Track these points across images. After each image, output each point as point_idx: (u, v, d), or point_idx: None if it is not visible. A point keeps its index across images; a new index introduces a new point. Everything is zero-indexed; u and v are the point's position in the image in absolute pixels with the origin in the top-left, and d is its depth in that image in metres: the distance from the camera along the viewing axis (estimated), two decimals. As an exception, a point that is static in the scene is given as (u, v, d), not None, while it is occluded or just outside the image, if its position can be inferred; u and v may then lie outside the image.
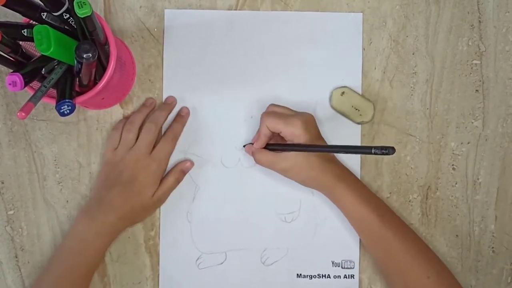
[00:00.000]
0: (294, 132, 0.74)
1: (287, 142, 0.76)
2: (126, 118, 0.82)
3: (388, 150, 0.61)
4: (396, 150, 0.80)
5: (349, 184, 0.76)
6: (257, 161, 0.78)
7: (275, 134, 0.78)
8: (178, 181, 0.81)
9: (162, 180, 0.80)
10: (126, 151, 0.78)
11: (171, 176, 0.81)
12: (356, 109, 0.81)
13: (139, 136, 0.79)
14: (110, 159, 0.80)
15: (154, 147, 0.79)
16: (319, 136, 0.78)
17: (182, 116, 0.82)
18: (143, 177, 0.77)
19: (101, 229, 0.76)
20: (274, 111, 0.79)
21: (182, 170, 0.82)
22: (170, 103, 0.82)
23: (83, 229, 0.76)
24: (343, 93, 0.81)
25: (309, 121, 0.76)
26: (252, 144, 0.80)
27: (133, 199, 0.77)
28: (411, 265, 0.73)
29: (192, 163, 0.82)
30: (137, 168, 0.77)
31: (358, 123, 0.82)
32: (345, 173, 0.78)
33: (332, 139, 0.82)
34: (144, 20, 0.83)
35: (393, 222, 0.76)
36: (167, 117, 0.82)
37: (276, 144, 0.78)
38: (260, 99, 0.83)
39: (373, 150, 0.62)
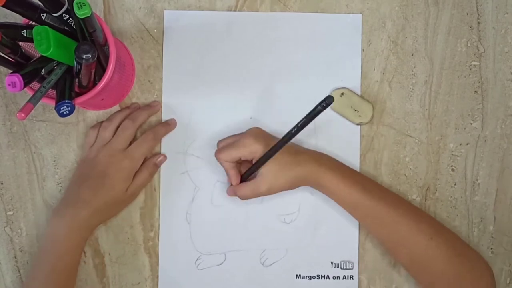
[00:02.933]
0: (250, 150, 0.75)
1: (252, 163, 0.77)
2: (105, 121, 0.82)
3: (327, 99, 0.62)
4: (396, 151, 0.81)
5: (329, 166, 0.76)
6: (243, 198, 0.78)
7: (241, 163, 0.79)
8: (151, 175, 0.81)
9: (135, 175, 0.79)
10: (101, 147, 0.78)
11: (144, 170, 0.80)
12: (355, 110, 0.81)
13: (116, 133, 0.79)
14: (84, 156, 0.80)
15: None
16: (272, 139, 0.78)
17: (168, 124, 0.82)
18: (114, 172, 0.76)
19: (72, 226, 0.74)
20: (222, 146, 0.79)
21: (155, 163, 0.81)
22: (154, 106, 0.82)
23: (54, 230, 0.74)
24: (342, 94, 0.81)
25: (256, 134, 0.77)
26: (230, 186, 0.80)
27: (105, 194, 0.76)
28: (411, 231, 0.73)
29: (165, 157, 0.82)
30: (109, 163, 0.76)
31: (357, 124, 0.82)
32: (320, 158, 0.78)
33: (331, 140, 0.82)
34: (144, 21, 0.83)
35: (382, 194, 0.76)
36: (147, 118, 0.81)
37: (246, 171, 0.78)
38: (259, 100, 0.83)
39: (316, 109, 0.64)
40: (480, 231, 0.83)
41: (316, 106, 0.63)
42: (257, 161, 0.74)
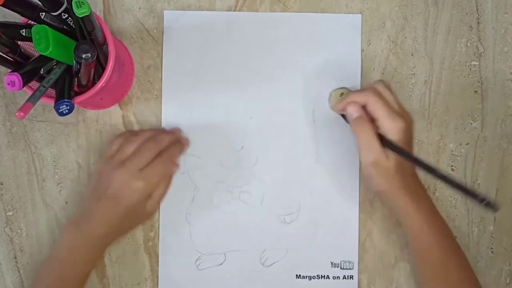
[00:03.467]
0: (391, 130, 0.70)
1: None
2: (134, 132, 0.81)
3: (492, 207, 0.62)
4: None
5: (421, 205, 0.73)
6: (357, 129, 0.73)
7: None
8: (167, 186, 0.78)
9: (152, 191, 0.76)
10: (118, 164, 0.74)
11: (161, 185, 0.77)
12: None
13: (136, 152, 0.75)
14: (102, 168, 0.77)
15: None
16: (411, 143, 0.74)
17: (182, 144, 0.81)
18: (128, 195, 0.73)
19: (90, 241, 0.74)
20: (382, 95, 0.73)
21: (169, 174, 0.79)
22: (177, 132, 0.81)
23: (72, 240, 0.74)
24: (342, 94, 0.81)
25: (409, 127, 0.72)
26: (357, 104, 0.74)
27: (121, 214, 0.74)
28: None
29: (178, 166, 0.80)
30: (122, 185, 0.73)
31: None
32: (421, 192, 0.75)
33: (331, 140, 0.82)
34: (143, 21, 0.83)
35: (457, 258, 0.75)
36: (170, 143, 0.78)
37: (390, 143, 0.71)
38: (259, 100, 0.83)
39: (478, 198, 0.64)
40: (480, 231, 0.82)
41: (481, 198, 0.63)
42: (403, 153, 0.71)
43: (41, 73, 0.66)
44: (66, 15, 0.64)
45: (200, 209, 0.82)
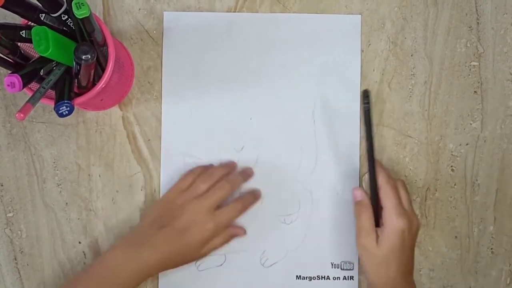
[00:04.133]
0: (392, 223, 0.73)
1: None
2: (205, 168, 0.81)
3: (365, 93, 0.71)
4: (396, 152, 0.81)
5: None
6: (357, 214, 0.77)
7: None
8: (225, 242, 0.79)
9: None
10: (191, 199, 0.75)
11: (222, 237, 0.78)
12: None
13: (210, 190, 0.76)
14: (171, 199, 0.77)
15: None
16: (410, 245, 0.75)
17: (256, 195, 0.81)
18: (196, 232, 0.74)
19: (139, 268, 0.72)
20: (396, 189, 0.77)
21: (233, 235, 0.80)
22: (249, 174, 0.82)
23: (120, 263, 0.72)
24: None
25: (411, 230, 0.75)
26: (365, 192, 0.79)
27: (180, 249, 0.74)
28: None
29: (245, 232, 0.81)
30: (194, 221, 0.74)
31: None
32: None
33: (331, 141, 0.82)
34: (143, 23, 0.83)
35: None
36: (242, 184, 0.80)
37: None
38: (259, 101, 0.83)
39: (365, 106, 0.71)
40: (480, 231, 0.82)
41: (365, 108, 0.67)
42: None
43: (41, 74, 0.66)
44: (66, 17, 0.64)
45: (200, 210, 0.82)
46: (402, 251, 0.73)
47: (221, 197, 0.76)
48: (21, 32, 0.62)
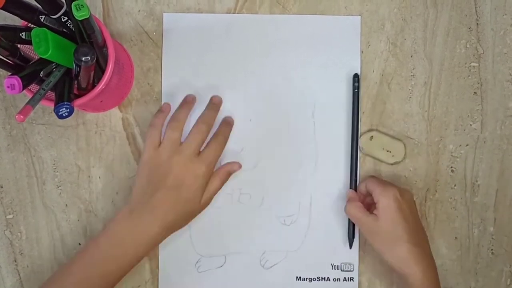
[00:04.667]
0: (385, 197, 0.73)
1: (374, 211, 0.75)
2: (163, 113, 0.78)
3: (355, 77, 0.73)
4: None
5: (426, 275, 0.71)
6: (347, 211, 0.78)
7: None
8: (223, 183, 0.78)
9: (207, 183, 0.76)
10: (172, 151, 0.73)
11: (218, 179, 0.77)
12: (388, 151, 0.81)
13: (189, 136, 0.75)
14: (151, 159, 0.74)
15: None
16: (413, 216, 0.75)
17: (229, 122, 0.81)
18: (191, 182, 0.73)
19: (142, 238, 0.71)
20: (378, 177, 0.79)
21: (228, 171, 0.79)
22: (217, 103, 0.80)
23: (122, 234, 0.71)
24: (371, 137, 0.81)
25: (405, 196, 0.74)
26: (355, 192, 0.80)
27: (180, 206, 0.73)
28: None
29: (240, 166, 0.80)
30: (185, 172, 0.73)
31: (392, 164, 0.82)
32: (430, 265, 0.73)
33: (330, 142, 0.82)
34: (143, 24, 0.83)
35: None
36: (216, 116, 0.79)
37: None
38: (259, 102, 0.83)
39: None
40: (480, 232, 0.82)
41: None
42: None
43: (41, 76, 0.66)
44: (66, 18, 0.64)
45: (200, 211, 0.82)
46: (405, 219, 0.72)
47: (202, 139, 0.75)
48: (21, 34, 0.63)
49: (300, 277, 0.82)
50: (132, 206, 0.73)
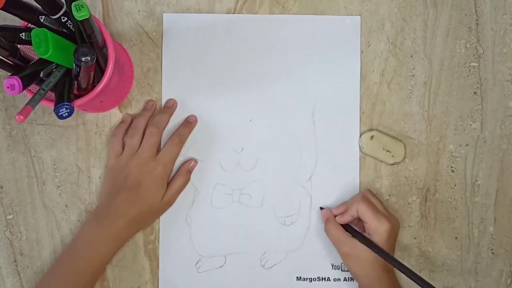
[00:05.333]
0: (378, 232, 0.74)
1: (364, 233, 0.77)
2: (124, 123, 0.82)
3: None
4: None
5: None
6: (327, 231, 0.79)
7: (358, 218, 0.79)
8: (186, 181, 0.81)
9: (169, 182, 0.80)
10: (130, 156, 0.78)
11: (179, 177, 0.80)
12: (388, 151, 0.81)
13: (143, 141, 0.78)
14: (114, 165, 0.80)
15: (158, 151, 0.79)
16: (394, 244, 0.78)
17: (190, 123, 0.82)
18: (148, 182, 0.77)
19: (109, 234, 0.75)
20: (370, 200, 0.78)
21: (188, 170, 0.81)
22: (170, 106, 0.82)
23: (90, 234, 0.76)
24: (372, 137, 0.81)
25: (395, 229, 0.76)
26: (330, 211, 0.80)
27: (140, 204, 0.76)
28: None
29: (196, 162, 0.82)
30: (142, 173, 0.77)
31: (392, 164, 0.82)
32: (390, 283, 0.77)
33: (330, 142, 0.82)
34: (143, 24, 0.83)
35: None
36: (168, 120, 0.81)
37: (355, 231, 0.78)
38: (258, 102, 0.83)
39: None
40: (480, 232, 0.82)
41: None
42: (367, 241, 0.75)
43: (41, 76, 0.65)
44: (66, 18, 0.64)
45: (200, 212, 0.82)
46: (390, 249, 0.75)
47: (154, 142, 0.79)
48: (20, 34, 0.62)
49: (300, 277, 0.82)
50: (98, 210, 0.79)
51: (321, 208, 0.82)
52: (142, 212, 0.77)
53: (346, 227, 0.78)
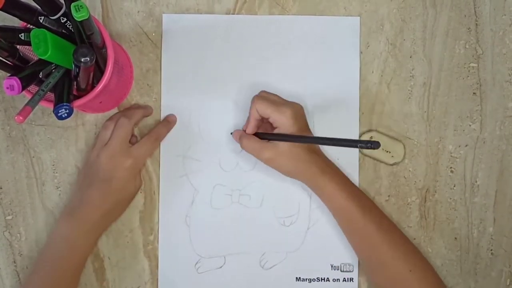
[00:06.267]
0: (283, 121, 0.74)
1: (274, 130, 0.76)
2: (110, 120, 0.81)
3: (373, 145, 0.62)
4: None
5: (333, 176, 0.76)
6: (244, 147, 0.78)
7: (264, 122, 0.79)
8: (151, 149, 0.81)
9: (133, 147, 0.78)
10: (100, 149, 0.77)
11: (143, 144, 0.79)
12: (387, 151, 0.82)
13: (113, 132, 0.77)
14: (87, 158, 0.80)
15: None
16: (306, 127, 0.78)
17: (168, 122, 0.82)
18: (120, 174, 0.76)
19: (84, 228, 0.75)
20: (265, 97, 0.78)
21: (156, 137, 0.81)
22: (148, 108, 0.82)
23: (65, 229, 0.74)
24: (371, 137, 0.81)
25: (298, 111, 0.77)
26: (241, 130, 0.80)
27: (114, 195, 0.76)
28: (394, 258, 0.73)
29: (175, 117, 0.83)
30: (113, 165, 0.76)
31: (391, 165, 0.83)
32: (329, 165, 0.78)
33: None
34: (142, 25, 0.83)
35: (375, 215, 0.76)
36: (142, 116, 0.81)
37: (265, 134, 0.78)
38: (258, 103, 0.83)
39: (358, 144, 0.65)
40: (480, 232, 0.82)
41: (361, 144, 0.64)
42: (281, 136, 0.75)
43: (40, 77, 0.66)
44: (65, 19, 0.64)
45: (199, 212, 0.82)
46: (301, 132, 0.76)
47: (124, 133, 0.77)
48: (20, 35, 0.63)
49: (299, 277, 0.82)
50: (72, 204, 0.77)
51: (231, 133, 0.83)
52: (115, 204, 0.77)
53: (259, 135, 0.78)
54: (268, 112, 0.75)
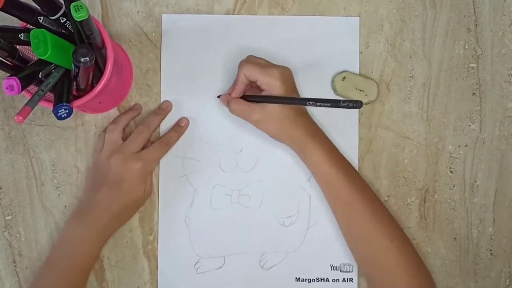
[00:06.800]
0: (271, 82, 0.75)
1: (262, 93, 0.77)
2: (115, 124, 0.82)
3: (356, 104, 0.65)
4: (395, 153, 0.81)
5: (320, 140, 0.77)
6: (232, 111, 0.78)
7: (252, 85, 0.79)
8: (161, 154, 0.81)
9: (143, 151, 0.79)
10: (111, 151, 0.77)
11: (154, 149, 0.80)
12: (361, 90, 0.81)
13: (130, 136, 0.78)
14: (96, 161, 0.80)
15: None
16: (294, 89, 0.79)
17: (180, 127, 0.82)
18: (130, 177, 0.76)
19: (93, 230, 0.75)
20: (253, 60, 0.78)
21: (167, 142, 0.81)
22: (165, 108, 0.82)
23: (74, 232, 0.75)
24: (344, 78, 0.81)
25: (286, 73, 0.77)
26: (229, 94, 0.80)
27: (123, 199, 0.76)
28: (375, 228, 0.74)
29: (188, 120, 0.83)
30: (123, 168, 0.76)
31: (366, 103, 0.82)
32: (316, 129, 0.79)
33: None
34: (142, 25, 0.83)
35: (359, 184, 0.76)
36: (160, 122, 0.82)
37: (252, 96, 0.78)
38: (257, 103, 0.83)
39: (341, 103, 0.67)
40: (479, 232, 0.82)
41: (343, 101, 0.67)
42: (268, 97, 0.75)
43: (40, 77, 0.66)
44: (65, 19, 0.64)
45: (199, 213, 0.82)
46: (289, 94, 0.76)
47: (142, 140, 0.78)
48: (19, 35, 0.63)
49: (299, 278, 0.82)
50: (81, 207, 0.78)
51: (218, 97, 0.83)
52: (125, 206, 0.77)
53: (246, 97, 0.78)
54: (255, 74, 0.75)
